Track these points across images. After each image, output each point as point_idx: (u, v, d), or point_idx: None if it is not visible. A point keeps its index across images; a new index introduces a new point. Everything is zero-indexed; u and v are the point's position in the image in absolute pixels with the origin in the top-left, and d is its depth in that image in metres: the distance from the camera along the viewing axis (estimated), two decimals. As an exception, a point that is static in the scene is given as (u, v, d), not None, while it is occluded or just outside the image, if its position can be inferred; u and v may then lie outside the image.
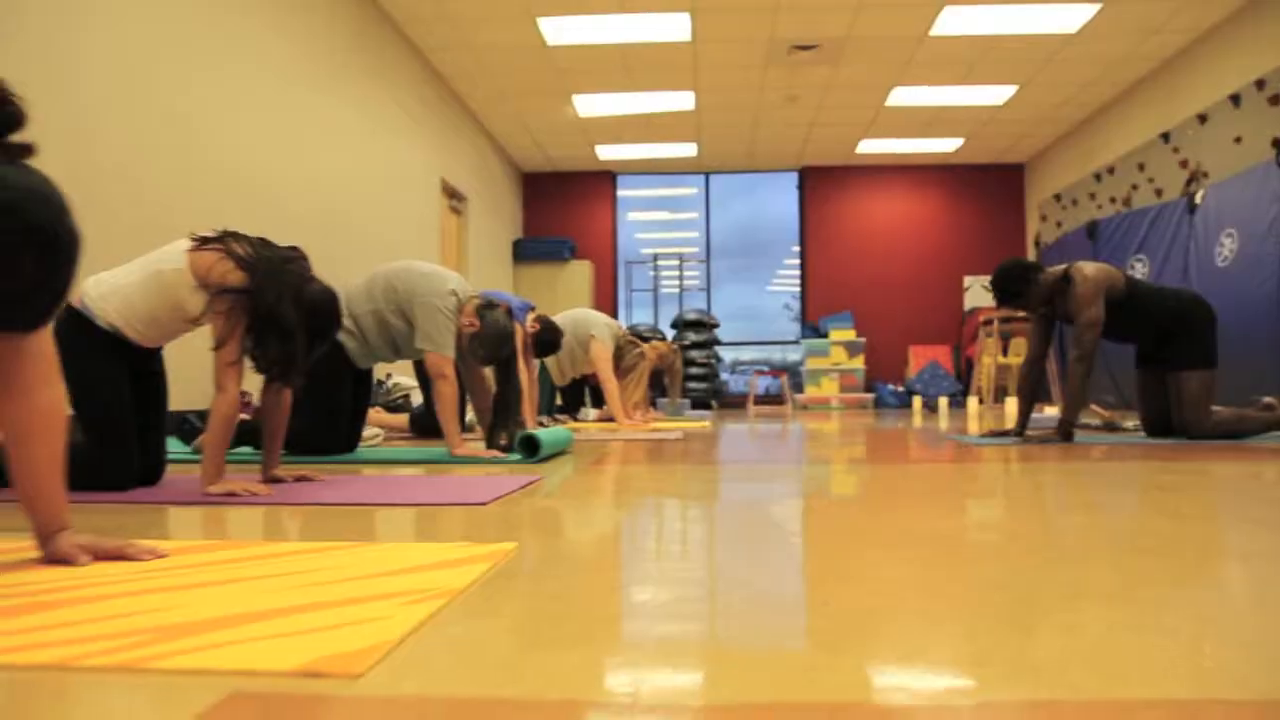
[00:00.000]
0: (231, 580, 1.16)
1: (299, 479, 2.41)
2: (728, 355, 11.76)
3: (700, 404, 10.42)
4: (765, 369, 11.65)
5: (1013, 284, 4.00)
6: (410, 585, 1.10)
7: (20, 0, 3.31)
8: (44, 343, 1.32)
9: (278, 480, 2.38)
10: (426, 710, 0.71)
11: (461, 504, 1.92)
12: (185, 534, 1.67)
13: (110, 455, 2.23)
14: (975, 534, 1.58)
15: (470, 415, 4.20)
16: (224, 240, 2.20)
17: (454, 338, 3.08)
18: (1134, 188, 8.60)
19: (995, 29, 7.29)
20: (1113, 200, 9.01)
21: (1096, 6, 6.89)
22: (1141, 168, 8.47)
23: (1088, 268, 3.99)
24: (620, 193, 11.78)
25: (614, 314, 11.53)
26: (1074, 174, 9.96)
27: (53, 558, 1.31)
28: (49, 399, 1.32)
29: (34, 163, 1.19)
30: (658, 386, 7.28)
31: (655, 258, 11.86)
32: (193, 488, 2.21)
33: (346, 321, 3.27)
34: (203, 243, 2.21)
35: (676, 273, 11.92)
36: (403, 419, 4.66)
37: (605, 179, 11.56)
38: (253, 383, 2.37)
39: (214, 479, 2.15)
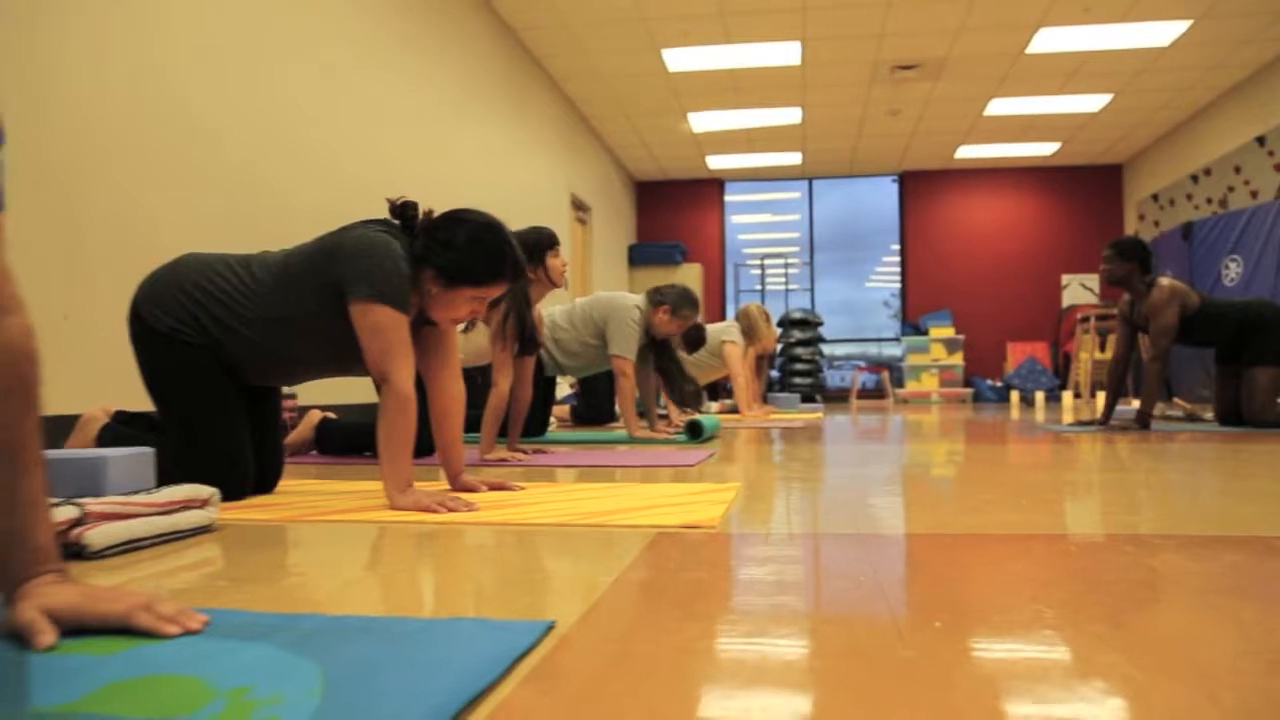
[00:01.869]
0: (590, 498, 1.97)
1: (536, 451, 3.26)
2: (827, 350, 12.35)
3: (806, 398, 11.09)
4: (863, 364, 12.23)
5: (1126, 244, 4.57)
6: (700, 499, 1.90)
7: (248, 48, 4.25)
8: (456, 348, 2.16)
9: (522, 451, 3.22)
10: (757, 538, 1.49)
11: (678, 465, 2.73)
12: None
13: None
14: (1049, 481, 2.29)
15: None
16: None
17: (636, 345, 3.90)
18: (1230, 189, 8.93)
19: (1089, 45, 7.78)
20: (1209, 201, 9.34)
21: (1188, 22, 7.33)
22: (1237, 170, 8.80)
23: (1165, 280, 4.58)
24: (727, 198, 12.51)
25: (722, 313, 12.30)
26: (1171, 175, 10.27)
27: (461, 489, 2.15)
28: (461, 389, 2.16)
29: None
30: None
31: (763, 260, 12.56)
32: (471, 457, 3.07)
33: (548, 341, 4.13)
34: None
35: (782, 273, 12.60)
36: (565, 409, 5.53)
37: (714, 186, 12.33)
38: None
39: (489, 450, 3.00)
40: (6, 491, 0.96)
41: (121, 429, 2.19)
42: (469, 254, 1.95)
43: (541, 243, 3.14)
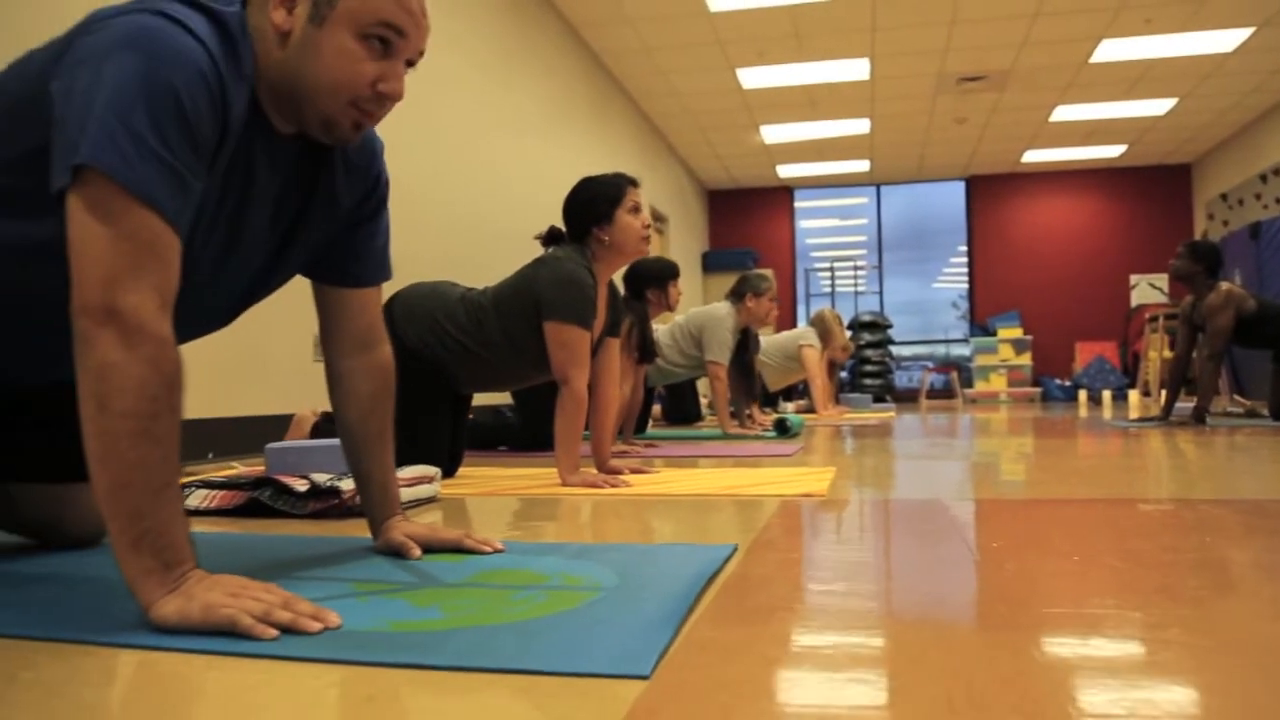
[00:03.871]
0: (715, 477, 2.46)
1: (648, 445, 3.76)
2: (896, 351, 12.64)
3: (876, 398, 11.43)
4: (931, 365, 12.52)
5: (1200, 245, 4.89)
6: (806, 477, 2.38)
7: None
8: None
9: (637, 445, 3.72)
10: (858, 501, 1.96)
11: (777, 455, 3.20)
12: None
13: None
14: (1105, 463, 2.71)
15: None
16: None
17: (730, 352, 4.39)
18: (1298, 189, 9.06)
19: (1152, 54, 8.02)
20: (1278, 201, 9.46)
21: (1250, 29, 7.54)
22: (1306, 170, 8.93)
23: (1225, 285, 4.90)
24: (796, 204, 12.92)
25: (793, 315, 12.70)
26: (1240, 174, 10.39)
27: (610, 472, 2.65)
28: (617, 392, 2.67)
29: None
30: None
31: (832, 264, 12.94)
32: (585, 449, 3.57)
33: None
34: None
35: (851, 276, 12.96)
36: (658, 409, 6.03)
37: (783, 193, 12.74)
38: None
39: (611, 443, 3.51)
40: (380, 459, 1.48)
41: (331, 425, 2.74)
42: (595, 191, 2.50)
43: (666, 272, 3.67)
